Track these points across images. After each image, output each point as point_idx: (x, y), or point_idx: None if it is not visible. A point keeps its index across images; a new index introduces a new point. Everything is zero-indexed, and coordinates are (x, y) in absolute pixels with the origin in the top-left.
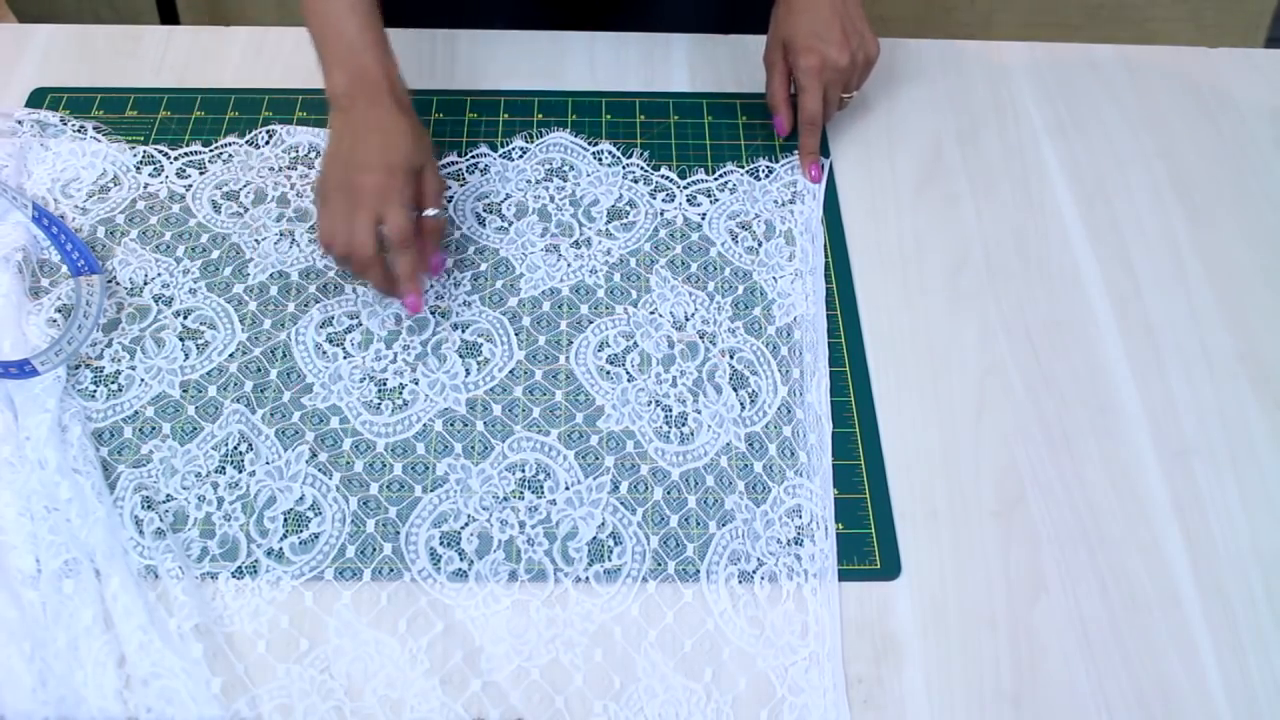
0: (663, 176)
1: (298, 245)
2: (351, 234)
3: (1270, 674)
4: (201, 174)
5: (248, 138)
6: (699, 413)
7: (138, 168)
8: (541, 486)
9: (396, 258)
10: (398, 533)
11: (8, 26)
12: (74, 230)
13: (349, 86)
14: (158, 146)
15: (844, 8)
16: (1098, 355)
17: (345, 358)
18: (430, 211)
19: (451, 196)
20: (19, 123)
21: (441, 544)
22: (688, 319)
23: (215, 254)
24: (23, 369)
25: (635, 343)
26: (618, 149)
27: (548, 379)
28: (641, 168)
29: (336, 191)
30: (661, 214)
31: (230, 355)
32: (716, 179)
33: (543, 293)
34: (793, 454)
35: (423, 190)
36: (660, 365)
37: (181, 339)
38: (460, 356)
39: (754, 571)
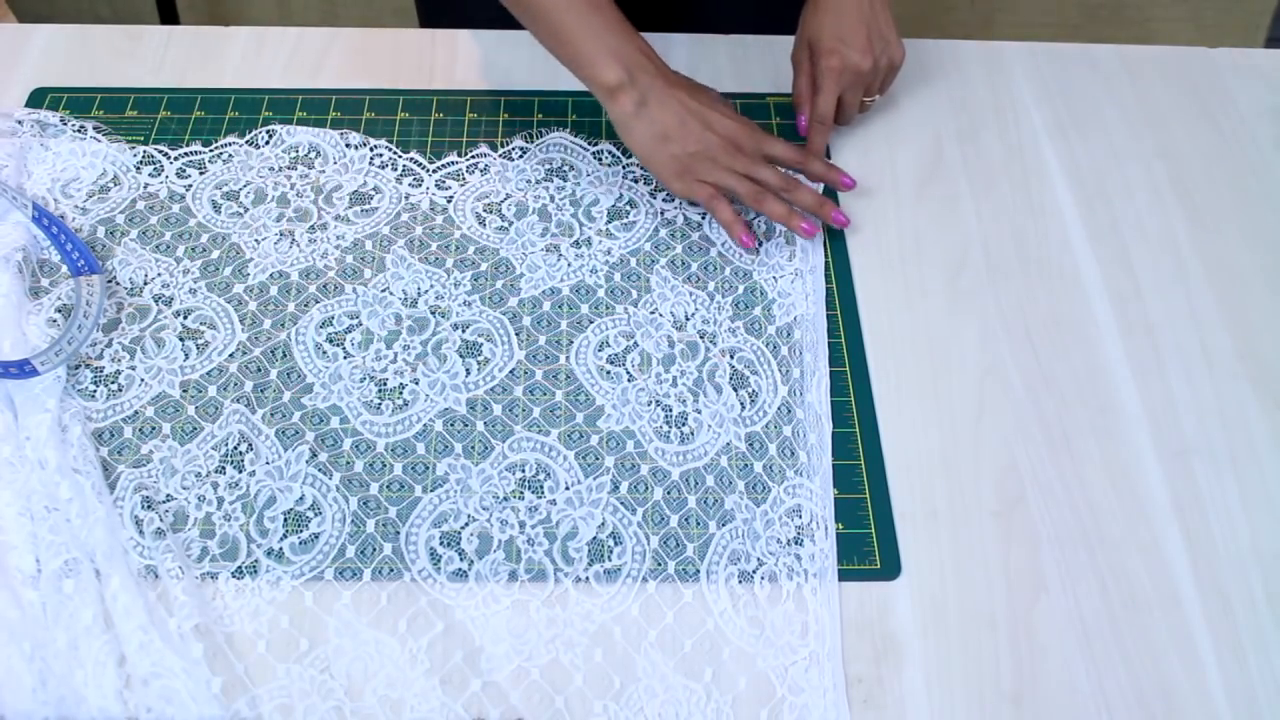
0: None
1: (298, 245)
2: (763, 176)
3: (1270, 674)
4: (201, 174)
5: (248, 138)
6: (699, 412)
7: (138, 168)
8: (541, 486)
9: (813, 169)
10: (398, 533)
11: (8, 26)
12: (74, 230)
13: (626, 74)
14: (158, 146)
15: (871, 11)
16: (1098, 355)
17: (345, 358)
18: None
19: (451, 196)
20: (19, 123)
21: (441, 544)
22: (688, 319)
23: (215, 254)
24: (23, 369)
25: (635, 342)
26: (618, 149)
27: (548, 379)
28: (641, 167)
29: (715, 155)
30: (662, 213)
31: (230, 355)
32: None
33: (543, 292)
34: (793, 454)
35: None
36: (660, 365)
37: (181, 339)
38: (460, 356)
39: (754, 571)
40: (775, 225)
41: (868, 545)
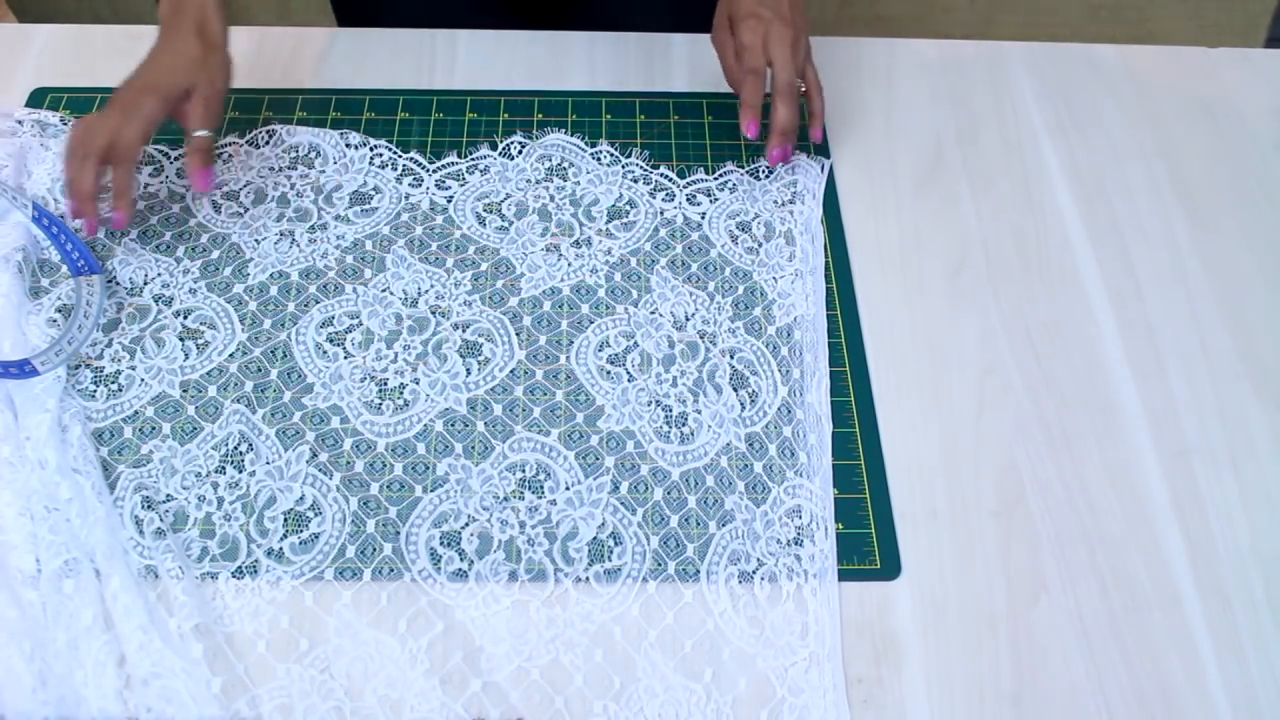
0: (662, 175)
1: (298, 245)
2: (91, 135)
3: (1270, 674)
4: None
5: (248, 138)
6: (699, 413)
7: (137, 168)
8: (542, 487)
9: (113, 171)
10: (398, 533)
11: (8, 26)
12: (74, 230)
13: (168, 14)
14: (158, 146)
15: None
16: (1098, 355)
17: (346, 357)
18: (200, 132)
19: (451, 196)
20: (19, 123)
21: (442, 544)
22: (688, 319)
23: (215, 254)
24: (23, 369)
25: (635, 342)
26: (616, 148)
27: (548, 379)
28: (641, 167)
29: (111, 110)
30: (661, 213)
31: (230, 355)
32: (716, 179)
33: (543, 292)
34: (793, 454)
35: (186, 111)
36: (660, 365)
37: (181, 339)
38: (461, 356)
39: (754, 572)
40: (774, 225)
41: (868, 545)
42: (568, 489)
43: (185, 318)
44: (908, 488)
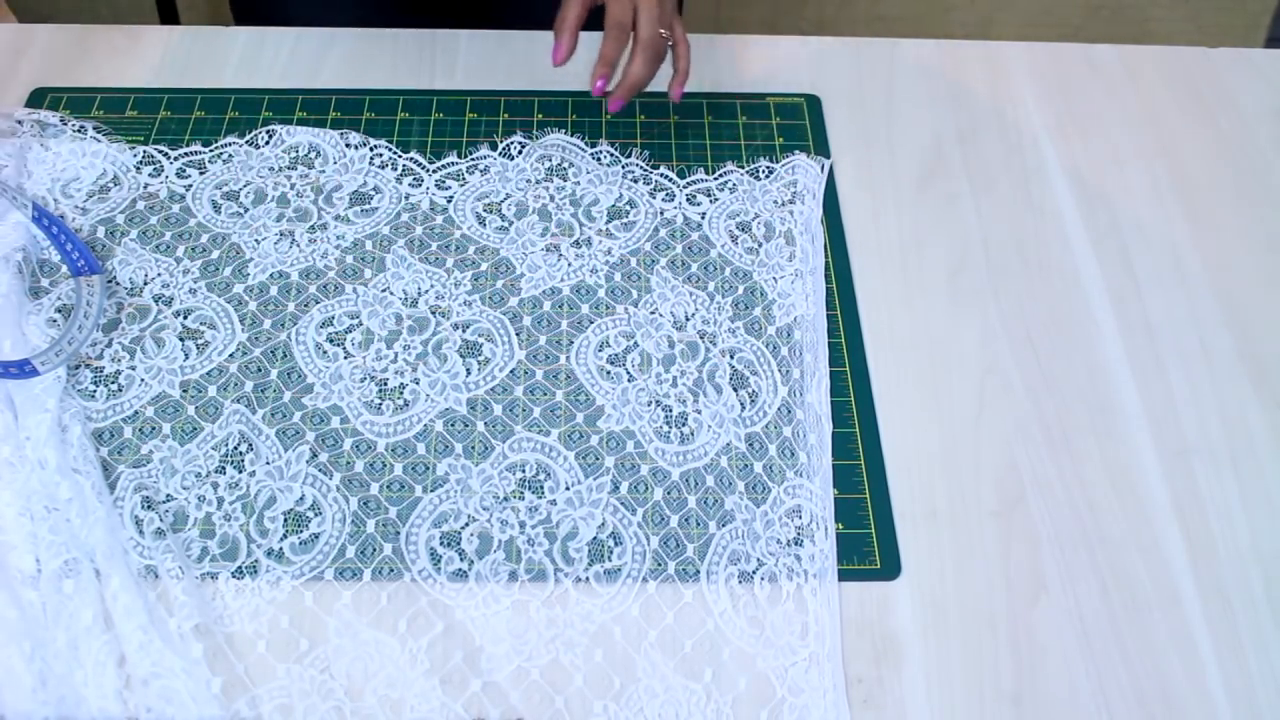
0: (661, 175)
1: (298, 245)
2: None
3: (1270, 674)
4: (201, 174)
5: (248, 138)
6: (699, 413)
7: (138, 168)
8: (542, 487)
9: None
10: (398, 533)
11: (8, 26)
12: (74, 230)
13: None
14: (158, 146)
15: None
16: (1098, 355)
17: (346, 358)
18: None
19: (451, 196)
20: (19, 123)
21: (442, 544)
22: (688, 319)
23: (215, 254)
24: (23, 369)
25: (635, 343)
26: (616, 148)
27: (548, 379)
28: (641, 167)
29: None
30: (661, 213)
31: (230, 355)
32: (716, 179)
33: (543, 292)
34: (793, 454)
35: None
36: (660, 365)
37: (181, 339)
38: (461, 356)
39: (754, 572)
40: (774, 226)
41: (868, 545)
42: (568, 489)
43: (185, 318)
44: (908, 488)
